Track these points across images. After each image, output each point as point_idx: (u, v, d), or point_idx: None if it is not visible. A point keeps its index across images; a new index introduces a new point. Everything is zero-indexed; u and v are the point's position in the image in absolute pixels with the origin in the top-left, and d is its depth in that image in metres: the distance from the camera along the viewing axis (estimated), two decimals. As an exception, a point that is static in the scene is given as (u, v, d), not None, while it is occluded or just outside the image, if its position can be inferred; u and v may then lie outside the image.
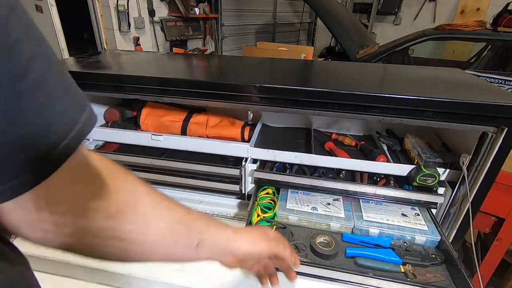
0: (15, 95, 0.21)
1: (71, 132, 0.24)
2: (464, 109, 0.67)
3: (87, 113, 0.26)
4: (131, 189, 0.35)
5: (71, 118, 0.24)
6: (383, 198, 0.85)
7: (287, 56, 2.71)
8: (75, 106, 0.25)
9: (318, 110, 0.75)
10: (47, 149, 0.23)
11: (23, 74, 0.21)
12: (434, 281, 0.67)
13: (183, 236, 0.38)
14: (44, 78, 0.23)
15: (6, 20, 0.20)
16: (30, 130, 0.22)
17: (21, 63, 0.21)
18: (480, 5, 4.23)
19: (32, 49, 0.22)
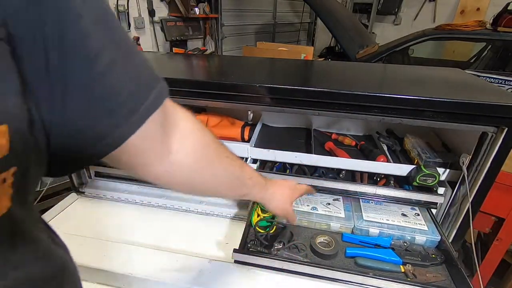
0: (91, 77, 0.26)
1: (142, 106, 0.30)
2: (464, 109, 0.67)
3: (155, 91, 0.31)
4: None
5: (142, 96, 0.30)
6: (383, 198, 0.85)
7: (287, 56, 2.71)
8: (144, 86, 0.31)
9: (318, 110, 0.75)
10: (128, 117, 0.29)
11: (96, 60, 0.26)
12: (434, 281, 0.67)
13: (236, 187, 0.52)
14: (115, 62, 0.27)
15: (80, 14, 0.24)
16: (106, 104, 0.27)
17: (93, 48, 0.25)
18: (480, 5, 4.23)
19: (103, 38, 0.26)
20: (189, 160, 0.40)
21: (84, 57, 0.25)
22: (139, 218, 0.91)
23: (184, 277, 0.68)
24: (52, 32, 0.23)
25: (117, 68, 0.28)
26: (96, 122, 0.27)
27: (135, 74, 0.30)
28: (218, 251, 0.78)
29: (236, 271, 0.70)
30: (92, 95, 0.26)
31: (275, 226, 0.79)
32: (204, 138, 0.43)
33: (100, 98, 0.27)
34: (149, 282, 0.69)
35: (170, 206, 0.95)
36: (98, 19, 0.26)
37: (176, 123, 0.38)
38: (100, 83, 0.26)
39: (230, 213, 0.92)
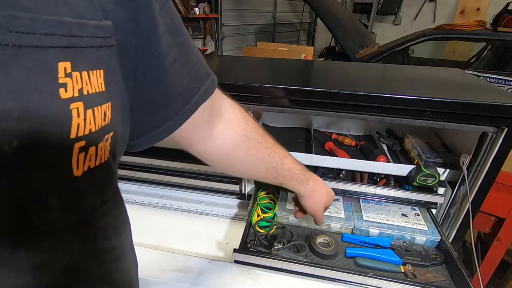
0: (159, 69, 0.33)
1: (193, 98, 0.37)
2: (464, 109, 0.67)
3: (205, 86, 0.38)
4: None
5: (195, 89, 0.37)
6: (383, 198, 0.85)
7: (287, 56, 2.71)
8: (197, 81, 0.38)
9: (318, 110, 0.75)
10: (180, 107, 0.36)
11: (165, 57, 0.32)
12: (434, 281, 0.67)
13: (272, 176, 0.56)
14: (176, 60, 0.34)
15: (157, 21, 0.30)
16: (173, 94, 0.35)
17: (163, 50, 0.32)
18: (480, 5, 4.23)
19: (171, 40, 0.33)
20: (228, 146, 0.47)
21: (157, 55, 0.32)
22: (139, 218, 0.91)
23: (184, 277, 0.68)
24: (142, 38, 0.30)
25: (178, 65, 0.34)
26: (159, 110, 0.35)
27: (190, 70, 0.37)
28: (218, 251, 0.78)
29: (236, 271, 0.70)
30: (161, 85, 0.34)
31: (275, 226, 0.79)
32: (246, 129, 0.49)
33: (164, 89, 0.34)
34: (149, 282, 0.69)
35: (170, 206, 0.95)
36: (169, 25, 0.33)
37: (221, 112, 0.45)
38: (165, 77, 0.33)
39: (230, 213, 0.92)
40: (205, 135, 0.44)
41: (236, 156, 0.49)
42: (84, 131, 0.22)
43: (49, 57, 0.20)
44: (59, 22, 0.20)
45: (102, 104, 0.24)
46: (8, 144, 0.19)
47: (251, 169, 0.54)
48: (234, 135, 0.47)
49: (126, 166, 1.00)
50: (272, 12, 4.80)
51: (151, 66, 0.32)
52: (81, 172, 0.23)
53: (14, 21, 0.18)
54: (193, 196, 0.99)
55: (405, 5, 4.87)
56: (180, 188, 1.00)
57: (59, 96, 0.21)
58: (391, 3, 4.86)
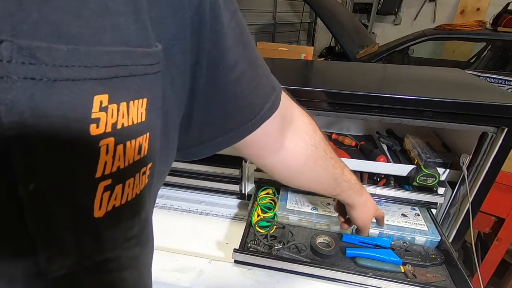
0: (224, 83, 0.31)
1: (259, 114, 0.36)
2: (464, 109, 0.67)
3: (270, 102, 0.37)
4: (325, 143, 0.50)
5: (260, 105, 0.36)
6: (383, 198, 0.85)
7: (287, 56, 2.71)
8: (264, 96, 0.36)
9: (318, 110, 0.75)
10: (243, 121, 0.35)
11: (231, 70, 0.31)
12: (434, 281, 0.67)
13: (331, 187, 0.55)
14: (244, 74, 0.33)
15: (224, 33, 0.29)
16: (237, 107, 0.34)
17: (231, 63, 0.30)
18: (480, 5, 4.22)
19: (238, 52, 0.31)
20: (299, 158, 0.46)
21: (223, 67, 0.30)
22: (139, 218, 0.91)
23: (184, 277, 0.69)
24: (204, 52, 0.28)
25: (244, 79, 0.33)
26: (221, 122, 0.35)
27: (257, 84, 0.36)
28: (218, 251, 0.78)
29: (236, 271, 0.70)
30: (224, 97, 0.32)
31: (275, 226, 0.79)
32: (315, 138, 0.47)
33: (229, 101, 0.33)
34: (149, 282, 0.69)
35: (170, 206, 0.95)
36: (237, 35, 0.31)
37: (291, 122, 0.43)
38: (231, 89, 0.32)
39: (230, 213, 0.92)
40: (274, 148, 0.43)
41: (304, 168, 0.48)
42: (111, 169, 0.20)
43: (85, 91, 0.18)
44: (101, 53, 0.18)
45: (138, 136, 0.22)
46: (25, 189, 0.17)
47: (316, 181, 0.52)
48: (304, 146, 0.46)
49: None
50: (272, 12, 4.80)
51: (213, 79, 0.30)
52: (103, 213, 0.21)
53: (51, 54, 0.16)
54: (193, 196, 0.99)
55: (405, 5, 4.86)
56: (180, 188, 1.00)
57: (89, 132, 0.19)
58: (391, 3, 4.86)
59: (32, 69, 0.16)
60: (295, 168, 0.47)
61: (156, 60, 0.23)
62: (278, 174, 0.48)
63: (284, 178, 0.49)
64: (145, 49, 0.21)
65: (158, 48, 0.23)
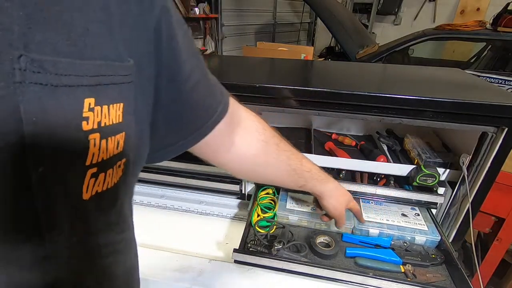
0: (181, 92, 0.36)
1: (212, 117, 0.40)
2: (464, 109, 0.67)
3: (222, 105, 0.42)
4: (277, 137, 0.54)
5: (213, 109, 0.41)
6: (383, 198, 0.85)
7: (287, 56, 2.71)
8: (215, 101, 0.41)
9: (318, 110, 0.75)
10: (201, 124, 0.40)
11: (187, 81, 0.36)
12: (434, 281, 0.67)
13: (292, 178, 0.57)
14: (197, 83, 0.37)
15: (179, 48, 0.33)
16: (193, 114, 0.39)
17: (186, 74, 0.35)
18: (480, 5, 4.23)
19: (192, 64, 0.36)
20: (250, 153, 0.50)
21: (180, 78, 0.35)
22: (139, 218, 0.91)
23: (184, 277, 0.69)
24: (164, 66, 0.32)
25: (199, 87, 0.38)
26: (180, 128, 0.39)
27: (210, 91, 0.40)
28: (218, 251, 0.78)
29: (236, 271, 0.70)
30: (183, 106, 0.37)
31: (275, 226, 0.79)
32: (265, 134, 0.51)
33: (187, 109, 0.37)
34: (149, 282, 0.69)
35: (170, 206, 0.95)
36: (190, 50, 0.36)
37: (240, 122, 0.47)
38: (188, 98, 0.37)
39: (230, 213, 0.92)
40: (227, 146, 0.47)
41: (258, 162, 0.51)
42: (97, 159, 0.25)
43: (78, 95, 0.23)
44: (90, 65, 0.24)
45: (116, 134, 0.27)
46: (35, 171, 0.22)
47: (274, 174, 0.55)
48: (254, 141, 0.50)
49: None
50: (272, 12, 4.80)
51: (173, 90, 0.35)
52: (89, 196, 0.26)
53: (55, 65, 0.21)
54: (193, 196, 0.99)
55: (405, 5, 4.86)
56: (180, 188, 1.00)
57: (82, 128, 0.24)
58: (391, 3, 4.86)
59: (40, 76, 0.21)
60: (249, 162, 0.51)
61: (129, 72, 0.28)
62: (235, 170, 0.52)
63: (242, 173, 0.53)
64: (120, 64, 0.27)
65: (130, 62, 0.28)
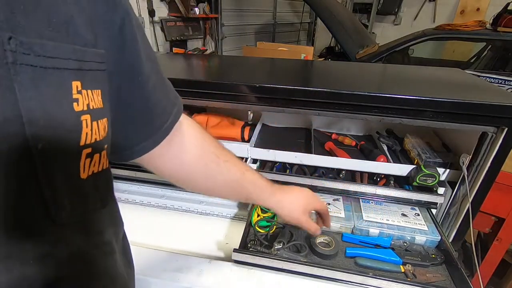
0: (141, 92, 0.37)
1: (169, 119, 0.42)
2: (464, 109, 0.67)
3: (177, 107, 0.44)
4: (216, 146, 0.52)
5: (168, 111, 0.42)
6: (383, 198, 0.85)
7: (287, 56, 2.71)
8: (170, 103, 0.43)
9: (318, 110, 0.75)
10: (160, 125, 0.41)
11: (146, 81, 0.37)
12: (434, 281, 0.67)
13: (234, 190, 0.56)
14: (155, 85, 0.39)
15: (140, 50, 0.35)
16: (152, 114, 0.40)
17: (144, 76, 0.37)
18: (480, 5, 4.23)
19: (150, 66, 0.38)
20: (189, 161, 0.49)
21: (140, 81, 0.36)
22: (139, 218, 0.91)
23: (184, 277, 0.69)
24: (127, 64, 0.34)
25: (157, 89, 0.40)
26: (141, 128, 0.40)
27: (165, 95, 0.42)
28: (218, 251, 0.78)
29: (236, 271, 0.70)
30: (142, 105, 0.38)
31: (275, 226, 0.79)
32: (203, 142, 0.51)
33: (146, 109, 0.39)
34: (149, 282, 0.69)
35: (170, 206, 0.95)
36: (148, 54, 0.37)
37: (181, 130, 0.47)
38: (147, 100, 0.38)
39: (230, 213, 0.92)
40: (170, 156, 0.46)
41: (196, 170, 0.49)
42: (91, 140, 0.27)
43: (66, 77, 0.25)
44: (73, 49, 0.25)
45: (102, 118, 0.28)
46: (36, 147, 0.23)
47: (213, 185, 0.53)
48: (191, 147, 0.49)
49: (126, 166, 1.00)
50: (272, 12, 4.80)
51: (135, 88, 0.36)
52: (86, 175, 0.27)
53: (43, 48, 0.23)
54: (193, 196, 0.99)
55: (405, 5, 4.86)
56: (180, 188, 0.99)
57: (73, 109, 0.25)
58: (391, 3, 4.86)
59: (30, 58, 0.22)
60: (187, 171, 0.49)
61: (103, 59, 0.29)
62: (175, 180, 0.51)
63: (181, 182, 0.51)
64: (96, 50, 0.28)
65: (102, 51, 0.29)
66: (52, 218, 0.25)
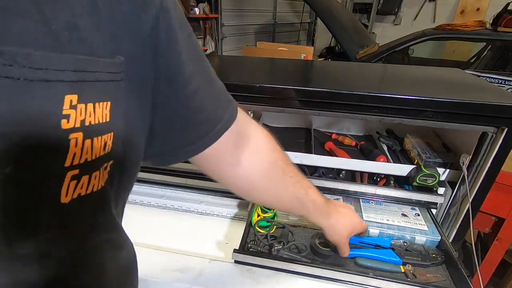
0: (181, 96, 0.34)
1: (218, 125, 0.38)
2: (464, 109, 0.67)
3: (228, 113, 0.40)
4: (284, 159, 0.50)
5: (218, 117, 0.39)
6: (383, 198, 0.85)
7: (287, 56, 2.71)
8: (220, 108, 0.39)
9: (318, 110, 0.75)
10: (207, 131, 0.38)
11: (187, 85, 0.34)
12: (434, 281, 0.67)
13: (294, 206, 0.54)
14: (200, 88, 0.36)
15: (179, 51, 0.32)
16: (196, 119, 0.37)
17: (186, 78, 0.34)
18: (480, 5, 4.23)
19: (195, 67, 0.35)
20: (255, 175, 0.46)
21: (180, 82, 0.33)
22: (139, 218, 0.91)
23: (184, 277, 0.68)
24: (162, 69, 0.31)
25: (201, 92, 0.36)
26: (182, 133, 0.37)
27: (214, 98, 0.38)
28: (218, 251, 0.78)
29: (236, 271, 0.70)
30: (182, 111, 0.35)
31: (275, 226, 0.79)
32: (272, 155, 0.48)
33: (187, 114, 0.36)
34: (149, 282, 0.69)
35: (170, 206, 0.95)
36: (192, 53, 0.34)
37: (249, 140, 0.44)
38: (188, 103, 0.35)
39: (230, 213, 0.92)
40: (230, 163, 0.43)
41: (261, 186, 0.48)
42: (80, 160, 0.24)
43: (57, 90, 0.22)
44: (74, 59, 0.23)
45: (103, 134, 0.25)
46: (9, 166, 0.21)
47: (275, 200, 0.52)
48: (260, 164, 0.46)
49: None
50: (272, 12, 4.80)
51: (172, 93, 0.33)
52: (69, 199, 0.24)
53: (29, 58, 0.20)
54: (193, 196, 0.99)
55: (405, 5, 4.87)
56: (180, 188, 1.00)
57: (61, 126, 0.22)
58: (391, 3, 4.86)
59: (12, 70, 0.19)
60: (251, 184, 0.47)
61: (119, 69, 0.26)
62: (235, 189, 0.48)
63: (241, 193, 0.50)
64: (109, 60, 0.25)
65: (121, 59, 0.26)
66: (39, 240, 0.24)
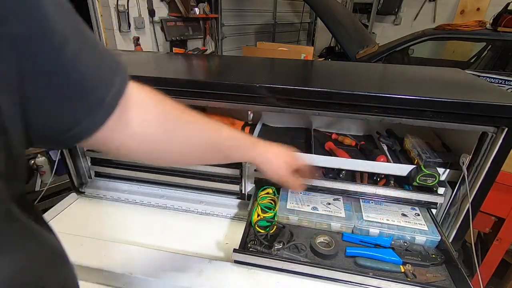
0: (61, 61, 0.29)
1: (110, 90, 0.34)
2: (464, 109, 0.67)
3: (120, 76, 0.35)
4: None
5: (109, 81, 0.34)
6: (383, 198, 0.85)
7: (287, 56, 2.71)
8: (110, 72, 0.34)
9: (318, 110, 0.75)
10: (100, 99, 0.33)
11: (62, 47, 0.29)
12: (434, 281, 0.67)
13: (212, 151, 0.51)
14: (78, 52, 0.30)
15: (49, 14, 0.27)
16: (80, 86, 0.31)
17: (60, 39, 0.28)
18: (480, 5, 4.23)
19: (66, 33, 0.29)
20: (147, 130, 0.42)
21: (51, 48, 0.28)
22: (139, 218, 0.91)
23: (184, 277, 0.68)
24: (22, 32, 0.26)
25: (84, 58, 0.31)
26: (68, 109, 0.31)
27: (100, 63, 0.33)
28: (218, 251, 0.78)
29: (236, 271, 0.70)
30: (61, 81, 0.30)
31: (275, 226, 0.79)
32: (160, 106, 0.44)
33: (70, 84, 0.30)
34: (149, 282, 0.69)
35: (170, 206, 0.95)
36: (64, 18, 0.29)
37: (130, 97, 0.38)
38: (68, 71, 0.29)
39: (230, 213, 0.92)
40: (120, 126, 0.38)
41: (160, 140, 0.44)
42: None
43: None
44: None
45: None
46: None
47: (186, 151, 0.48)
48: (149, 117, 0.42)
49: (126, 166, 1.00)
50: (272, 12, 4.80)
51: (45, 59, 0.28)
52: None
53: None
54: (193, 196, 0.99)
55: (405, 5, 4.87)
56: (180, 188, 1.00)
57: None
58: (391, 3, 4.86)
59: None
60: (148, 142, 0.43)
61: None
62: (134, 154, 0.43)
63: (142, 155, 0.44)
64: None
65: None
66: None
